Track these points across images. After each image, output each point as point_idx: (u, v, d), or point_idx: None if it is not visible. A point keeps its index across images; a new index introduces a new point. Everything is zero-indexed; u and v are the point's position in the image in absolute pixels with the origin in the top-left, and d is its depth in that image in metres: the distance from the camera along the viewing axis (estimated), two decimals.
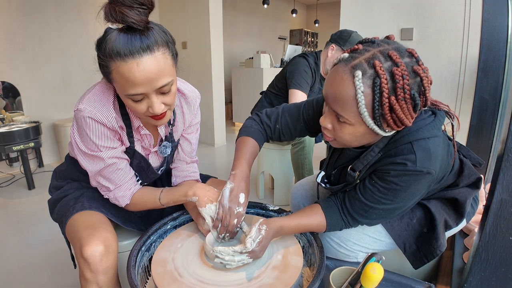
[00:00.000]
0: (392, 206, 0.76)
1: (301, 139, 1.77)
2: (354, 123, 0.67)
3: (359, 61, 0.63)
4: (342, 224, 0.82)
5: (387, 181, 0.73)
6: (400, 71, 0.60)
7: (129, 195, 0.89)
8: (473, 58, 1.94)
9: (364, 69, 0.62)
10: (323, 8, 8.14)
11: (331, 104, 0.69)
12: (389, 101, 0.62)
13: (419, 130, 0.70)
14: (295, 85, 1.76)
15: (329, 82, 0.69)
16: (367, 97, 0.63)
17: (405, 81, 0.61)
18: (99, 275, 0.76)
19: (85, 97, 0.78)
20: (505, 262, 0.67)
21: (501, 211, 0.64)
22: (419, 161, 0.68)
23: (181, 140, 1.01)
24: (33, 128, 2.52)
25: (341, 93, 0.65)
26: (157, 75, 0.70)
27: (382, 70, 0.60)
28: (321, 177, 0.93)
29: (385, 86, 0.61)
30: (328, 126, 0.73)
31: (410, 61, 0.64)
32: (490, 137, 1.40)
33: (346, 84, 0.64)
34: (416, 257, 0.86)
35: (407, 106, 0.63)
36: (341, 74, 0.65)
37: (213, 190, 0.86)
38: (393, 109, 0.63)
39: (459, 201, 0.85)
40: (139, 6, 0.66)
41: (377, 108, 0.63)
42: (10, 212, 2.20)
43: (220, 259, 0.71)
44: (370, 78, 0.62)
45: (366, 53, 0.64)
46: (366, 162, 0.76)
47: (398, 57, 0.62)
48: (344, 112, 0.66)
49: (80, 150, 0.83)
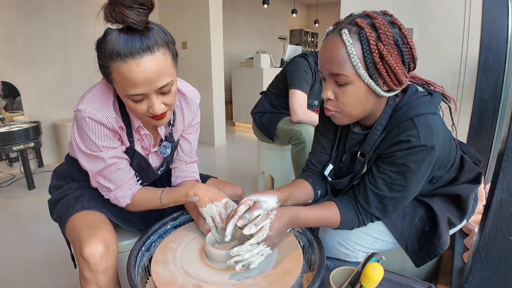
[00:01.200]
0: (405, 193, 0.76)
1: (301, 139, 1.77)
2: (353, 80, 0.70)
3: (343, 25, 0.71)
4: (355, 223, 0.81)
5: (395, 165, 0.73)
6: (379, 21, 0.68)
7: (130, 195, 0.89)
8: (473, 58, 1.94)
9: (349, 28, 0.69)
10: (323, 8, 8.14)
11: (328, 69, 0.73)
12: (377, 47, 0.67)
13: (418, 106, 0.73)
14: (296, 85, 1.76)
15: (322, 51, 0.74)
16: (357, 49, 0.68)
17: (386, 28, 0.67)
18: (99, 275, 0.76)
19: (85, 98, 0.78)
20: (505, 262, 0.67)
21: (501, 211, 0.64)
22: (422, 135, 0.69)
23: (181, 140, 1.01)
24: (33, 128, 2.52)
25: (334, 53, 0.70)
26: (157, 75, 0.70)
27: (364, 24, 0.68)
28: (329, 170, 0.92)
29: (370, 35, 0.67)
30: (330, 95, 0.75)
31: (385, 17, 0.71)
32: (490, 137, 1.40)
33: (336, 44, 0.70)
34: (418, 255, 0.86)
35: (395, 53, 0.68)
36: (331, 39, 0.71)
37: (214, 191, 0.86)
38: (382, 56, 0.68)
39: (462, 198, 0.85)
40: (139, 7, 0.66)
41: (368, 57, 0.68)
42: (10, 212, 2.21)
43: (240, 262, 0.67)
44: (355, 32, 0.68)
45: (347, 20, 0.72)
46: (373, 142, 0.78)
47: (374, 14, 0.70)
48: (340, 69, 0.70)
49: (81, 150, 0.82)
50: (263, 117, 1.97)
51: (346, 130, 0.89)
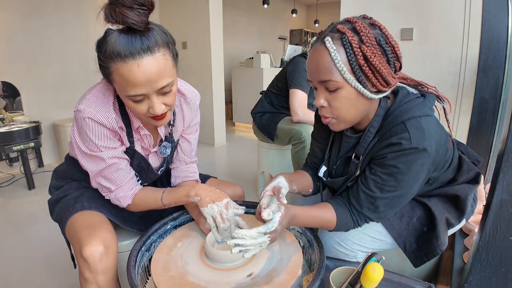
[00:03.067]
0: (396, 193, 0.76)
1: (301, 138, 1.77)
2: (342, 84, 0.71)
3: (325, 34, 0.72)
4: (350, 224, 0.81)
5: (386, 166, 0.74)
6: (360, 24, 0.69)
7: (131, 195, 0.89)
8: (473, 58, 1.94)
9: (331, 35, 0.71)
10: (323, 8, 8.14)
11: (317, 77, 0.74)
12: (360, 49, 0.68)
13: (410, 110, 0.74)
14: (296, 85, 1.77)
15: (309, 61, 0.76)
16: (341, 54, 0.69)
17: (367, 30, 0.68)
18: (98, 275, 0.76)
19: (85, 98, 0.78)
20: (505, 262, 0.67)
21: (501, 211, 0.64)
22: (413, 138, 0.70)
23: (181, 140, 1.01)
24: (33, 128, 2.52)
25: (321, 61, 0.71)
26: (157, 76, 0.70)
27: (345, 29, 0.69)
28: (323, 172, 0.93)
29: (353, 38, 0.68)
30: (323, 103, 0.76)
31: (365, 20, 0.73)
32: (490, 137, 1.40)
33: (321, 52, 0.71)
34: (417, 255, 0.86)
35: (378, 53, 0.69)
36: (315, 48, 0.73)
37: (215, 191, 0.86)
38: (366, 58, 0.68)
39: (460, 198, 0.85)
40: (139, 7, 0.66)
41: (353, 60, 0.69)
42: (10, 212, 2.21)
43: (239, 246, 0.66)
44: (338, 38, 0.70)
45: (329, 28, 0.73)
46: (366, 145, 0.79)
47: (354, 18, 0.71)
48: (328, 75, 0.71)
49: (81, 151, 0.82)
50: (263, 117, 1.97)
51: (339, 134, 0.90)
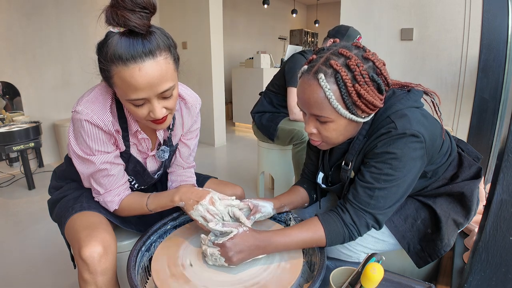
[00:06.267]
0: (394, 183, 0.73)
1: (303, 139, 1.77)
2: (334, 119, 0.74)
3: (318, 66, 0.72)
4: (344, 231, 0.76)
5: (378, 154, 0.75)
6: (354, 61, 0.69)
7: (118, 201, 0.88)
8: (473, 58, 1.94)
9: (324, 71, 0.71)
10: (323, 8, 8.15)
11: (308, 110, 0.76)
12: (354, 88, 0.70)
13: (393, 105, 0.77)
14: (294, 83, 1.76)
15: (300, 93, 0.76)
16: (335, 92, 0.71)
17: (360, 68, 0.69)
18: (97, 276, 0.76)
19: (83, 99, 0.78)
20: (505, 262, 0.66)
21: (501, 211, 0.64)
22: (400, 125, 0.72)
23: (180, 145, 1.01)
24: (33, 128, 2.52)
25: (313, 97, 0.72)
26: (159, 80, 0.69)
27: (339, 66, 0.69)
28: (321, 178, 0.93)
29: (346, 77, 0.69)
30: (313, 130, 0.78)
31: (359, 52, 0.73)
32: (490, 137, 1.40)
33: (314, 89, 0.72)
34: (420, 257, 0.86)
35: (371, 88, 0.71)
36: (308, 82, 0.73)
37: (196, 190, 0.86)
38: (360, 95, 0.70)
39: (465, 194, 0.85)
40: (141, 10, 0.65)
41: (347, 98, 0.71)
42: (10, 212, 2.21)
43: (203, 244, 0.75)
44: (331, 76, 0.70)
45: (321, 59, 0.73)
46: (355, 151, 0.81)
47: (347, 51, 0.71)
48: (322, 111, 0.73)
49: (74, 152, 0.82)
50: (263, 117, 1.97)
51: None
